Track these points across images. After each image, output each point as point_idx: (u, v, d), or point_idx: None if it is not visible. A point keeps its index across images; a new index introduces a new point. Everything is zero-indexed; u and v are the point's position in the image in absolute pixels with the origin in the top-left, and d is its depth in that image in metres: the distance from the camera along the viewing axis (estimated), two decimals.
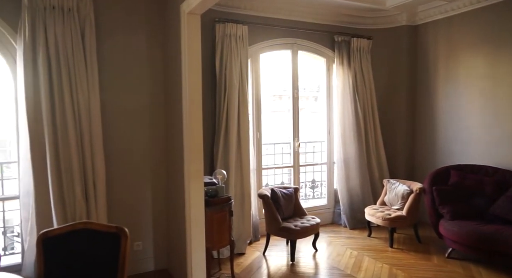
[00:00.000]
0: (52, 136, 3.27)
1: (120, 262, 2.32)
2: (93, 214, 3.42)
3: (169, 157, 3.86)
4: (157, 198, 3.94)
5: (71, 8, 3.32)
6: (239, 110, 4.47)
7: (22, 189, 3.30)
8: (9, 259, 3.49)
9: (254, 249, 4.53)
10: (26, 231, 3.28)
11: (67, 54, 3.31)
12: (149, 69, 3.84)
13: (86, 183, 3.42)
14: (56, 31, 3.26)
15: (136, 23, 3.76)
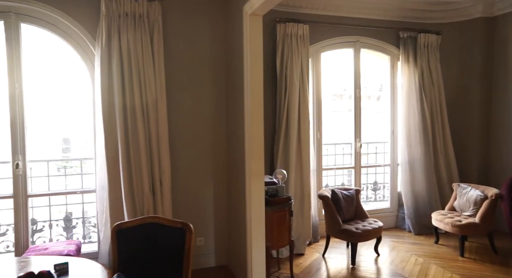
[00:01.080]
0: (124, 136, 3.49)
1: (185, 255, 2.42)
2: (159, 209, 3.61)
3: (231, 155, 3.95)
4: (219, 195, 4.06)
5: (141, 14, 3.53)
6: (299, 110, 4.45)
7: (98, 183, 3.57)
8: (88, 247, 3.80)
9: (314, 250, 4.48)
10: (102, 222, 3.55)
11: (137, 58, 3.52)
12: (211, 70, 3.97)
13: (153, 179, 3.61)
14: (128, 37, 3.48)
15: (199, 25, 3.90)
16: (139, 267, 2.45)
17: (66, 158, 4.66)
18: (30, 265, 2.37)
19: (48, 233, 3.87)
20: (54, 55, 3.85)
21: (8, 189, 3.51)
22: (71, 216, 4.05)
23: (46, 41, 3.74)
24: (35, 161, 3.77)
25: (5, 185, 3.58)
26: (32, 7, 3.39)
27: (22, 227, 3.51)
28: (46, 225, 3.86)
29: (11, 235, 3.68)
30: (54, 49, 3.81)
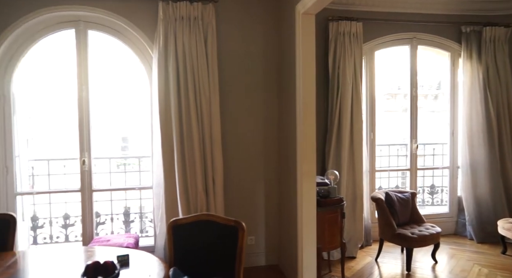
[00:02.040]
0: (179, 135, 3.62)
1: (238, 253, 2.46)
2: (211, 206, 3.70)
3: (282, 155, 3.96)
4: (270, 195, 4.08)
5: (196, 17, 3.64)
6: (352, 109, 4.35)
7: (155, 180, 3.74)
8: (145, 241, 4.00)
9: (366, 254, 4.36)
10: (158, 218, 3.71)
11: (192, 60, 3.63)
12: (263, 70, 4.00)
13: (206, 178, 3.71)
14: (183, 39, 3.61)
15: (251, 26, 3.94)
16: (193, 262, 2.53)
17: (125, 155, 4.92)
18: (95, 254, 2.53)
19: (110, 225, 4.12)
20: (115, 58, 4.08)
21: (76, 184, 3.78)
22: (130, 211, 4.29)
23: (109, 46, 3.98)
24: (99, 158, 4.02)
25: (73, 180, 3.87)
26: (99, 15, 3.62)
27: (87, 219, 3.76)
28: (108, 218, 4.12)
29: (78, 225, 3.97)
30: (116, 53, 4.04)
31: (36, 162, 4.03)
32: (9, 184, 3.63)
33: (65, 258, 2.54)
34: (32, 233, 3.93)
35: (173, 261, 2.53)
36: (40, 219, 4.00)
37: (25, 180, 3.83)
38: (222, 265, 2.50)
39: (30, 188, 3.89)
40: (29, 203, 3.90)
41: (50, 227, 4.03)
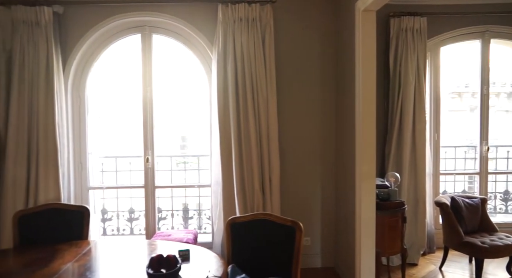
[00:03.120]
0: (237, 135, 3.69)
1: (295, 254, 2.46)
2: (268, 206, 3.72)
3: (339, 156, 3.88)
4: (326, 196, 4.02)
5: (254, 18, 3.69)
6: (414, 109, 4.15)
7: (213, 178, 3.85)
8: (203, 237, 4.13)
9: (429, 262, 4.13)
10: (216, 215, 3.81)
11: (250, 60, 3.68)
12: (320, 70, 3.95)
13: (263, 177, 3.74)
14: (242, 41, 3.67)
15: (309, 25, 3.91)
16: (250, 260, 2.57)
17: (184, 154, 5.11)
18: (158, 248, 2.67)
19: (170, 221, 4.31)
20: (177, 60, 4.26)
21: (140, 180, 4.01)
22: (188, 208, 4.45)
23: (171, 48, 4.16)
24: (161, 156, 4.22)
25: (138, 177, 4.11)
26: (162, 19, 3.81)
27: (150, 214, 3.97)
28: (169, 214, 4.31)
29: (142, 220, 4.21)
30: (177, 55, 4.22)
31: (106, 158, 4.33)
32: (83, 179, 3.94)
33: (131, 249, 2.71)
34: (102, 225, 4.23)
35: (231, 258, 2.58)
36: (108, 212, 4.29)
37: (96, 175, 4.14)
38: (279, 264, 2.51)
39: (100, 183, 4.19)
40: (99, 197, 4.20)
41: (117, 220, 4.31)
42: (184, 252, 2.36)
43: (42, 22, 3.54)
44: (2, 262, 2.47)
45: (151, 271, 2.10)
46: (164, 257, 2.19)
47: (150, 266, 2.14)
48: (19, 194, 3.53)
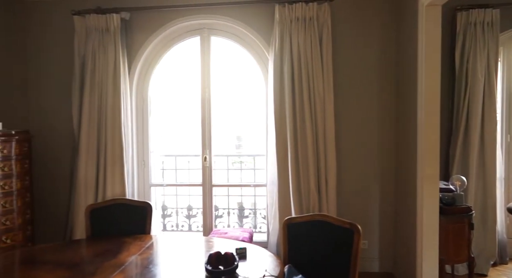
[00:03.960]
0: (293, 135, 3.68)
1: (353, 257, 2.40)
2: (324, 207, 3.67)
3: (399, 157, 3.73)
4: (385, 198, 3.88)
5: (311, 17, 3.66)
6: (483, 109, 3.86)
7: (269, 178, 3.87)
8: (258, 236, 4.17)
9: (500, 273, 3.82)
10: (271, 215, 3.83)
11: (307, 60, 3.66)
12: (379, 68, 3.82)
13: (319, 177, 3.70)
14: (299, 40, 3.66)
15: (367, 24, 3.80)
16: (306, 261, 2.55)
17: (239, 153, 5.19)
18: (215, 245, 2.73)
19: (227, 219, 4.41)
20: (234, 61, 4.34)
21: (198, 178, 4.14)
22: (244, 206, 4.52)
23: (228, 50, 4.25)
24: (218, 155, 4.33)
25: (196, 175, 4.25)
26: (220, 22, 3.91)
27: (208, 211, 4.09)
28: (225, 212, 4.41)
29: (200, 217, 4.34)
30: (234, 56, 4.30)
31: (166, 157, 4.53)
32: (146, 176, 4.16)
33: (190, 245, 2.80)
34: (162, 220, 4.43)
35: (287, 259, 2.58)
36: (168, 209, 4.49)
37: (157, 173, 4.34)
38: (336, 267, 2.46)
39: (161, 180, 4.39)
40: (160, 194, 4.41)
41: (176, 216, 4.49)
42: (241, 250, 2.40)
43: (111, 29, 3.80)
44: (77, 251, 2.68)
45: (210, 267, 2.16)
46: (222, 254, 2.24)
47: (208, 262, 2.20)
48: (89, 189, 3.80)
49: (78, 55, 3.89)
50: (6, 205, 3.26)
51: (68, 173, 3.98)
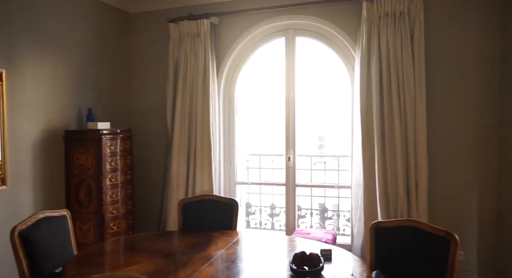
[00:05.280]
0: (380, 135, 3.52)
1: (448, 268, 2.22)
2: (413, 212, 3.45)
3: (502, 161, 3.34)
4: (484, 206, 3.51)
5: (402, 12, 3.46)
6: None
7: (354, 180, 3.76)
8: (341, 239, 4.08)
9: None
10: (356, 218, 3.72)
11: (396, 58, 3.47)
12: (480, 64, 3.47)
13: (408, 181, 3.49)
14: (388, 37, 3.49)
15: (465, 16, 3.47)
16: (394, 269, 2.42)
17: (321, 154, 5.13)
18: (298, 245, 2.74)
19: (309, 220, 4.39)
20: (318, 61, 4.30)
21: (282, 178, 4.18)
22: (327, 208, 4.45)
23: (313, 49, 4.22)
24: (301, 155, 4.33)
25: (279, 174, 4.30)
26: (305, 21, 3.90)
27: (291, 211, 4.11)
28: (308, 213, 4.39)
29: (282, 216, 4.39)
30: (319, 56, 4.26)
31: (251, 156, 4.66)
32: (231, 174, 4.33)
33: (273, 243, 2.85)
34: (246, 218, 4.56)
35: (373, 264, 2.48)
36: (252, 206, 4.61)
37: (242, 171, 4.49)
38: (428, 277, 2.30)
39: (245, 179, 4.53)
40: (245, 192, 4.55)
41: (260, 214, 4.59)
42: (326, 252, 2.37)
43: (201, 33, 4.03)
44: (171, 241, 2.90)
45: (295, 267, 2.17)
46: (307, 254, 2.23)
47: (293, 261, 2.21)
48: (181, 184, 4.08)
49: (172, 59, 4.19)
50: (113, 196, 3.66)
51: (163, 169, 4.32)
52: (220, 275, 2.21)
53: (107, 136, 3.62)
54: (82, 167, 3.59)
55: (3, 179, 3.07)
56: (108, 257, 2.63)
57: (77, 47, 3.83)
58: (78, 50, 3.84)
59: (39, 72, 3.42)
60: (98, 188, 3.55)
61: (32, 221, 2.43)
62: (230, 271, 2.25)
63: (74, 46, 3.80)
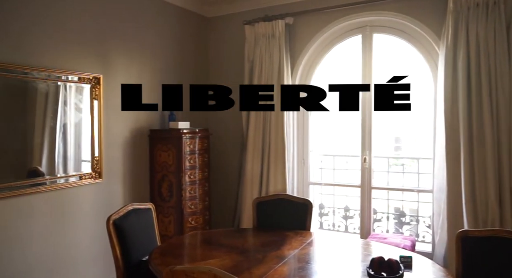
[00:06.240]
0: (467, 138, 3.25)
1: None
2: (507, 221, 3.13)
3: None
4: None
5: (496, 1, 3.16)
6: None
7: (436, 184, 3.52)
8: (421, 246, 3.84)
9: None
10: (438, 225, 3.48)
11: (488, 52, 3.18)
12: None
13: (501, 187, 3.18)
14: (478, 30, 3.21)
15: None
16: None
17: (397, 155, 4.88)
18: (374, 249, 2.64)
19: (385, 224, 4.20)
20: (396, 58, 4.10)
21: (356, 179, 4.07)
22: (405, 212, 4.22)
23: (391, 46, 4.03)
24: (377, 156, 4.16)
25: (354, 176, 4.19)
26: (384, 18, 3.75)
27: (366, 214, 3.98)
28: (384, 217, 4.21)
29: (356, 219, 4.27)
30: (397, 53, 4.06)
31: (324, 156, 4.59)
32: (305, 174, 4.31)
33: (347, 246, 2.79)
34: (319, 219, 4.51)
35: (460, 276, 2.31)
36: (325, 208, 4.54)
37: (316, 172, 4.45)
38: None
39: (319, 179, 4.48)
40: (318, 192, 4.50)
41: (333, 216, 4.51)
42: (406, 259, 2.26)
43: (276, 34, 4.07)
44: (246, 238, 2.98)
45: (372, 272, 2.10)
46: (385, 260, 2.15)
47: (370, 266, 2.15)
48: (254, 183, 4.17)
49: (248, 60, 4.29)
50: (191, 192, 3.86)
51: (237, 167, 4.45)
52: (294, 275, 2.22)
53: (186, 135, 3.83)
54: (164, 164, 3.85)
55: (99, 173, 3.42)
56: (187, 249, 2.78)
57: (160, 52, 4.11)
58: (161, 54, 4.12)
59: (128, 77, 3.73)
60: (178, 184, 3.77)
61: (123, 212, 2.66)
62: (304, 271, 2.25)
63: (158, 51, 4.08)
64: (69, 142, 3.22)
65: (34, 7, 2.93)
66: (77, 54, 3.26)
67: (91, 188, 3.39)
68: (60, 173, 3.15)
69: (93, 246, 3.38)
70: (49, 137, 3.06)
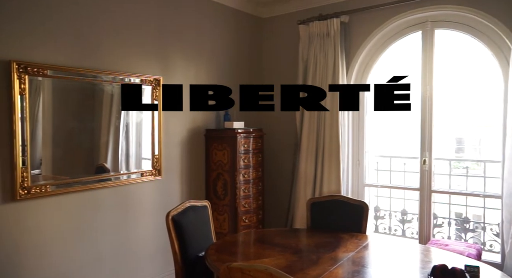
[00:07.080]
0: None
1: None
2: None
3: None
4: None
5: None
6: None
7: (506, 189, 3.27)
8: (487, 256, 3.59)
9: None
10: (508, 233, 3.23)
11: None
12: None
13: None
14: None
15: None
16: None
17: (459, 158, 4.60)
18: (434, 256, 2.50)
19: (447, 230, 3.97)
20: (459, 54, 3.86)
21: (415, 182, 3.89)
22: (468, 218, 3.96)
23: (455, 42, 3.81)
24: (439, 158, 3.95)
25: (413, 179, 4.01)
26: (448, 11, 3.55)
27: (425, 218, 3.79)
28: (445, 222, 3.98)
29: (415, 223, 4.08)
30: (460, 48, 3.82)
31: (380, 158, 4.43)
32: (360, 175, 4.21)
33: (405, 251, 2.68)
34: (374, 222, 4.37)
35: None
36: (381, 210, 4.39)
37: (371, 173, 4.32)
38: None
39: (374, 181, 4.34)
40: (373, 194, 4.36)
41: (389, 219, 4.34)
42: (472, 269, 2.12)
43: (331, 33, 4.00)
44: (300, 239, 2.97)
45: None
46: (449, 268, 2.04)
47: (432, 274, 2.04)
48: (308, 183, 4.14)
49: (302, 60, 4.27)
50: (245, 191, 3.92)
51: (291, 167, 4.44)
52: None
53: (241, 135, 3.89)
54: (219, 163, 3.94)
55: (159, 170, 3.59)
56: (242, 247, 2.83)
57: (216, 53, 4.21)
58: (217, 56, 4.22)
59: (186, 78, 3.87)
60: (232, 183, 3.85)
61: (181, 208, 2.77)
62: (359, 276, 2.19)
63: (214, 53, 4.18)
64: (131, 140, 3.42)
65: (109, 18, 3.17)
66: (140, 57, 3.45)
67: (151, 184, 3.56)
68: (123, 170, 3.34)
69: (153, 240, 3.56)
70: (113, 136, 3.27)
